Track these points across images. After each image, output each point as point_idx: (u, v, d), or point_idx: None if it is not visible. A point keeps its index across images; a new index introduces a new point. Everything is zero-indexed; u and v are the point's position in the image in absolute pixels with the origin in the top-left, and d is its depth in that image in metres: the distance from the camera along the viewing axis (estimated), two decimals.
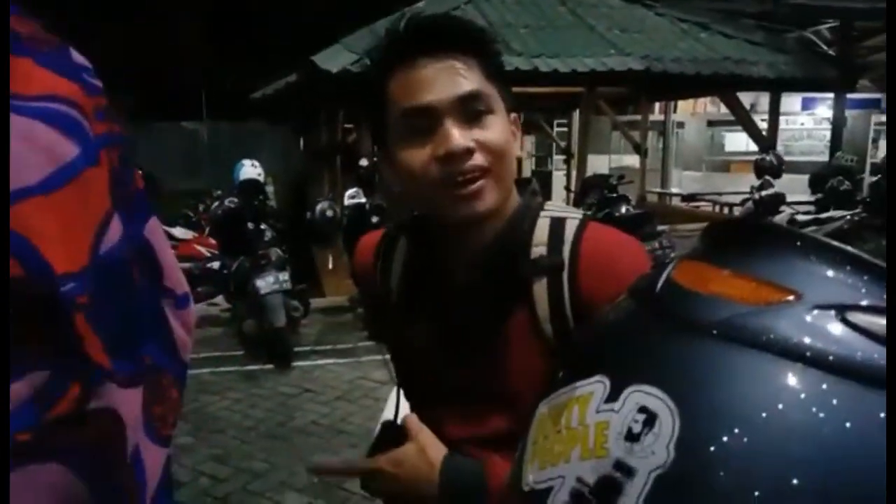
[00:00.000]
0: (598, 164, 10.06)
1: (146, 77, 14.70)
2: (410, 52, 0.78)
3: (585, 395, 0.38)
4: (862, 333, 0.32)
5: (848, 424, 0.31)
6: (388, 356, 1.01)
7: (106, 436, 0.46)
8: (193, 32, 15.69)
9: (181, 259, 5.97)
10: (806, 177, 6.85)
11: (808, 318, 0.33)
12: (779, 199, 6.37)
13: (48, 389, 0.41)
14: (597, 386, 0.38)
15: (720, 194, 9.60)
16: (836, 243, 0.36)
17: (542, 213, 0.85)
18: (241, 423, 3.79)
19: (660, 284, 0.39)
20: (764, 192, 6.48)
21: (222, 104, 13.54)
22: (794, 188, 7.11)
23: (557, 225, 0.83)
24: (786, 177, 6.75)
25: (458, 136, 0.76)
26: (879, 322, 0.33)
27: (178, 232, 6.78)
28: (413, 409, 0.93)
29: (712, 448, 0.32)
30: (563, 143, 11.27)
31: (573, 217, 0.84)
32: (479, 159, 0.77)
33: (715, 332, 0.34)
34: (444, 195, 0.78)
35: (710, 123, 13.45)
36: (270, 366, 4.69)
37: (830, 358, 0.32)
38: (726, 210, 8.63)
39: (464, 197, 0.77)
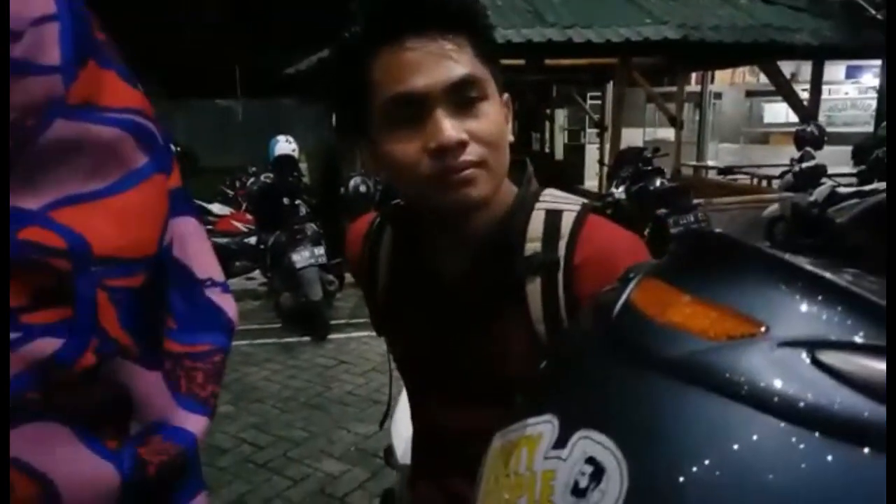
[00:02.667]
0: (633, 137, 9.91)
1: (181, 55, 14.87)
2: (396, 31, 0.70)
3: (535, 435, 0.35)
4: (836, 377, 0.28)
5: (822, 487, 0.26)
6: None
7: (112, 404, 0.48)
8: (226, 9, 15.77)
9: (219, 235, 6.12)
10: (849, 148, 6.65)
11: (774, 357, 0.29)
12: (819, 171, 6.20)
13: (61, 355, 0.44)
14: (546, 427, 0.35)
15: (758, 167, 9.38)
16: (810, 268, 0.31)
17: (538, 205, 0.79)
18: (280, 394, 3.91)
19: (618, 307, 0.35)
20: (804, 164, 6.31)
21: (256, 81, 13.63)
22: (837, 160, 6.91)
23: (554, 218, 0.77)
24: (827, 148, 6.56)
25: (451, 127, 0.69)
26: (857, 363, 0.28)
27: (216, 208, 6.92)
28: (410, 398, 0.93)
29: None
30: (596, 116, 11.10)
31: (570, 209, 0.77)
32: (472, 152, 0.71)
33: (670, 370, 0.31)
34: (434, 187, 0.72)
35: (749, 94, 13.08)
36: (307, 338, 4.80)
37: (800, 406, 0.27)
38: (765, 183, 8.43)
39: (455, 185, 0.71)
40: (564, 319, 0.75)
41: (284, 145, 5.74)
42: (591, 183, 9.86)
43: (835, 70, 11.32)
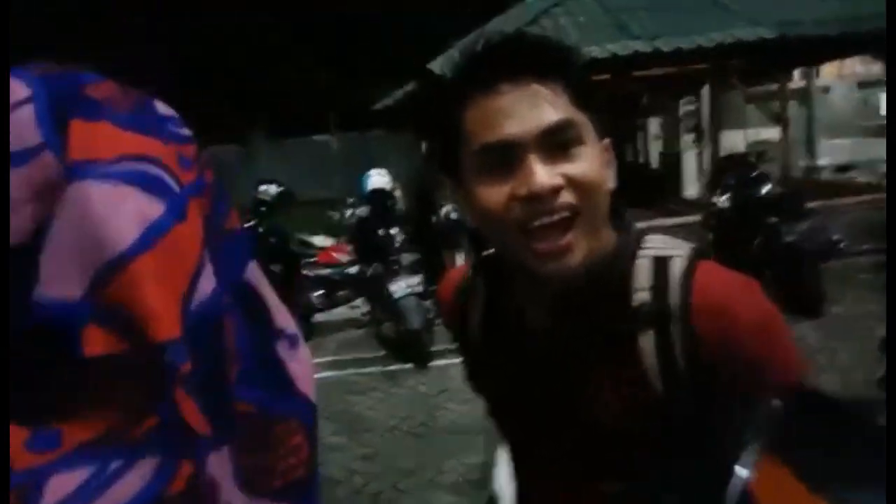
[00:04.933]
0: (733, 140, 9.43)
1: (278, 96, 15.75)
2: (489, 77, 0.69)
3: None
4: None
5: None
6: None
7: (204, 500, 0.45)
8: (317, 53, 16.57)
9: (322, 266, 6.37)
10: None
11: None
12: None
13: (160, 474, 0.41)
14: None
15: (877, 162, 8.66)
16: None
17: (641, 252, 0.74)
18: (386, 423, 3.98)
19: (735, 495, 0.34)
20: None
21: (350, 116, 14.19)
22: None
23: (661, 266, 0.72)
24: None
25: (543, 173, 0.67)
26: None
27: (318, 240, 7.22)
28: (511, 455, 0.90)
29: None
30: (692, 123, 10.67)
31: (678, 255, 0.73)
32: (567, 197, 0.68)
33: None
34: (524, 245, 0.69)
35: (861, 85, 12.15)
36: (409, 365, 4.88)
37: None
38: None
39: (547, 254, 0.68)
40: (683, 374, 0.70)
41: (377, 178, 5.91)
42: (690, 193, 9.46)
43: None
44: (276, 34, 16.01)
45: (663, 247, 0.75)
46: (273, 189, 5.65)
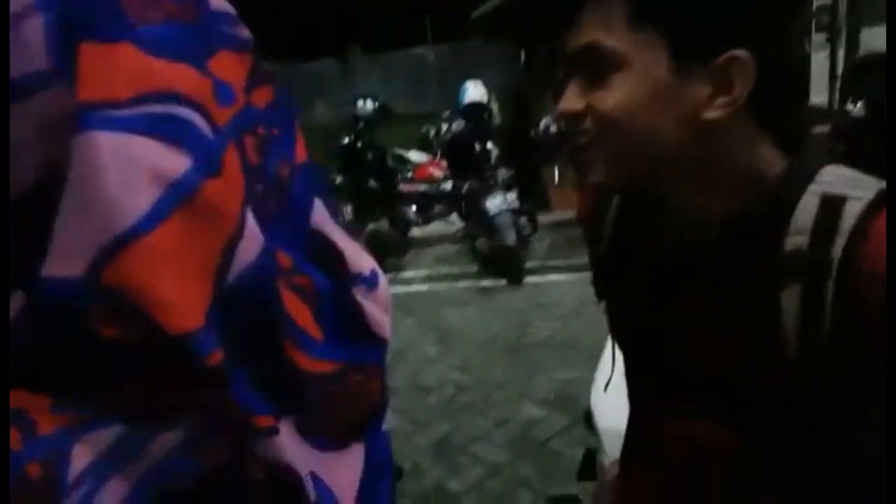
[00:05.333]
0: (875, 38, 8.34)
1: (375, 8, 15.53)
2: None
3: None
4: None
5: None
6: None
7: (278, 487, 0.41)
8: None
9: (418, 182, 6.40)
10: None
11: None
12: None
13: (193, 443, 0.39)
14: None
15: None
16: None
17: (812, 187, 0.62)
18: (480, 337, 4.05)
19: None
20: None
21: (446, 26, 13.81)
22: None
23: (832, 207, 0.60)
24: None
25: (569, 96, 0.65)
26: None
27: (414, 156, 7.22)
28: (626, 375, 0.85)
29: None
30: (825, 19, 9.51)
31: (858, 196, 0.59)
32: (587, 125, 0.64)
33: None
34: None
35: None
36: (503, 282, 4.89)
37: None
38: None
39: (576, 165, 0.67)
40: (828, 332, 0.59)
41: (473, 91, 5.74)
42: (819, 99, 8.57)
43: None
44: None
45: (841, 184, 0.61)
46: (370, 104, 5.64)
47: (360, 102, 5.64)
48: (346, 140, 5.37)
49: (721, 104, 0.61)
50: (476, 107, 5.67)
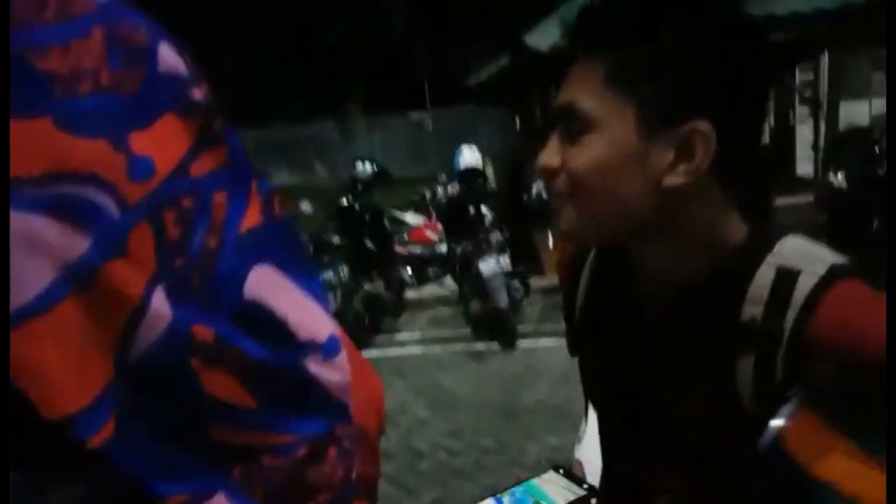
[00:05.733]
0: (855, 112, 8.65)
1: (373, 74, 16.04)
2: (570, 50, 0.68)
3: None
4: None
5: None
6: None
7: None
8: (410, 26, 16.67)
9: (413, 244, 6.49)
10: None
11: None
12: None
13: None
14: None
15: None
16: None
17: (770, 257, 0.64)
18: (472, 400, 4.04)
19: (769, 438, 0.35)
20: None
21: (443, 92, 14.25)
22: None
23: (786, 280, 0.62)
24: None
25: (547, 151, 0.68)
26: None
27: (410, 218, 7.34)
28: (599, 428, 0.89)
29: None
30: (807, 93, 9.87)
31: (811, 271, 0.62)
32: (560, 183, 0.68)
33: None
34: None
35: None
36: (496, 345, 4.90)
37: None
38: None
39: (555, 216, 0.70)
40: (780, 392, 0.59)
41: (468, 156, 5.91)
42: (804, 170, 8.80)
43: None
44: (368, 10, 16.23)
45: (797, 256, 0.64)
46: (369, 166, 5.79)
47: (359, 165, 5.78)
48: (345, 201, 5.48)
49: (682, 171, 0.63)
50: (471, 171, 5.82)
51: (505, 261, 4.90)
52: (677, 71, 0.63)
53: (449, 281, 6.10)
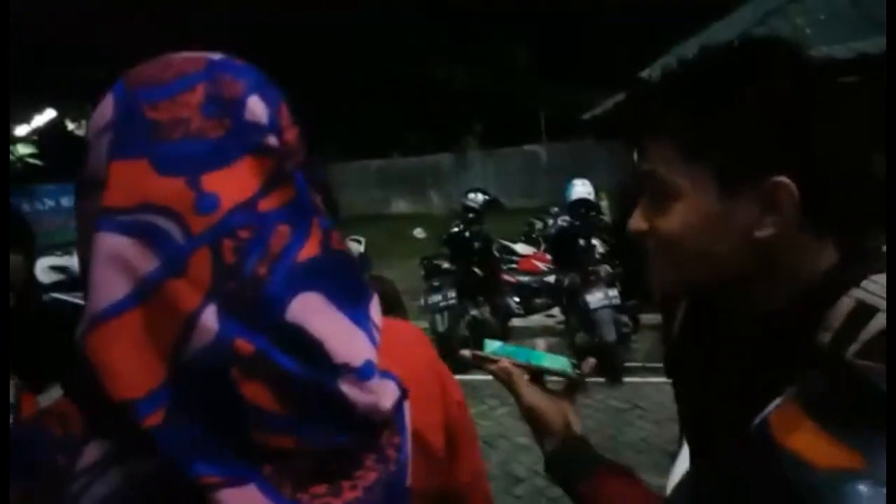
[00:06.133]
0: None
1: (491, 107, 16.39)
2: (657, 105, 0.72)
3: None
4: None
5: None
6: None
7: None
8: (530, 63, 16.91)
9: (522, 273, 6.54)
10: None
11: (868, 495, 0.31)
12: None
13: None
14: None
15: None
16: None
17: (854, 291, 0.64)
18: None
19: (758, 420, 0.39)
20: None
21: (559, 125, 14.29)
22: None
23: (861, 314, 0.63)
24: None
25: (636, 216, 0.73)
26: None
27: (520, 248, 7.42)
28: (689, 452, 0.90)
29: None
30: None
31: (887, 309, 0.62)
32: (650, 244, 0.72)
33: (782, 494, 0.34)
34: None
35: None
36: (601, 379, 4.82)
37: None
38: None
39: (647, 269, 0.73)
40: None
41: (580, 188, 5.92)
42: None
43: None
44: (489, 46, 16.66)
45: (881, 295, 0.63)
46: (480, 197, 5.95)
47: (472, 195, 5.96)
48: (455, 229, 5.66)
49: (770, 223, 0.65)
50: (582, 203, 5.82)
51: (613, 293, 4.83)
52: (748, 133, 0.65)
53: (556, 311, 6.08)
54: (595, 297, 4.80)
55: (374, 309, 0.58)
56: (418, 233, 11.34)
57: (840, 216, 0.69)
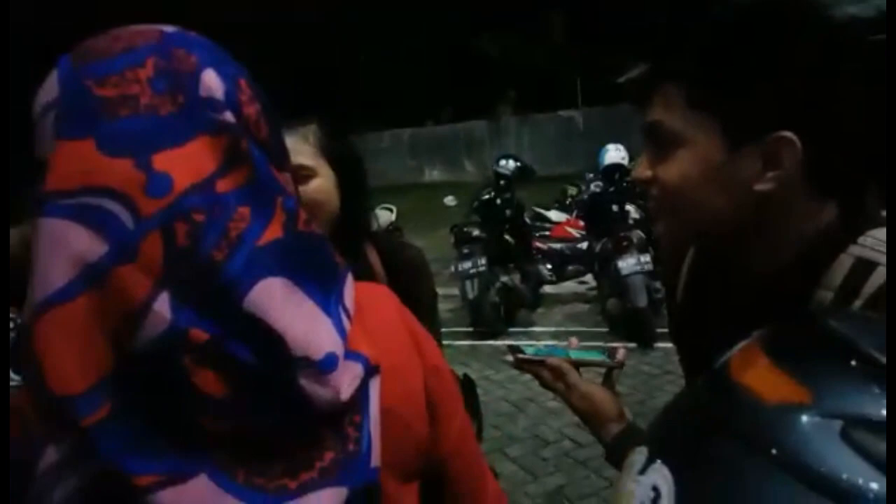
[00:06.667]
0: None
1: (527, 72, 16.11)
2: (668, 61, 0.71)
3: (632, 462, 0.41)
4: (860, 453, 0.31)
5: None
6: None
7: None
8: (563, 28, 16.52)
9: (554, 240, 6.51)
10: None
11: (811, 427, 0.32)
12: None
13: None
14: (639, 457, 0.40)
15: None
16: (864, 347, 0.33)
17: (852, 248, 0.67)
18: None
19: (721, 361, 0.40)
20: None
21: (595, 91, 13.98)
22: None
23: (862, 270, 0.65)
24: None
25: (641, 165, 0.75)
26: (880, 446, 0.31)
27: (553, 215, 7.37)
28: None
29: None
30: None
31: (885, 265, 0.64)
32: (654, 192, 0.74)
33: (733, 427, 0.35)
34: None
35: None
36: (633, 344, 4.81)
37: (820, 475, 0.31)
38: None
39: (651, 218, 0.76)
40: None
41: (613, 154, 5.83)
42: None
43: None
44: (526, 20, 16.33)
45: (880, 249, 0.65)
46: (511, 164, 5.92)
47: (503, 162, 5.93)
48: (486, 196, 5.65)
49: (771, 178, 0.66)
50: (615, 168, 5.73)
51: (646, 259, 4.79)
52: (759, 87, 0.65)
53: (588, 278, 6.05)
54: (627, 263, 4.77)
55: (347, 291, 0.55)
56: (449, 200, 11.33)
57: (842, 176, 0.70)
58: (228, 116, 0.47)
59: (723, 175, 0.68)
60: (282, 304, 0.46)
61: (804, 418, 0.32)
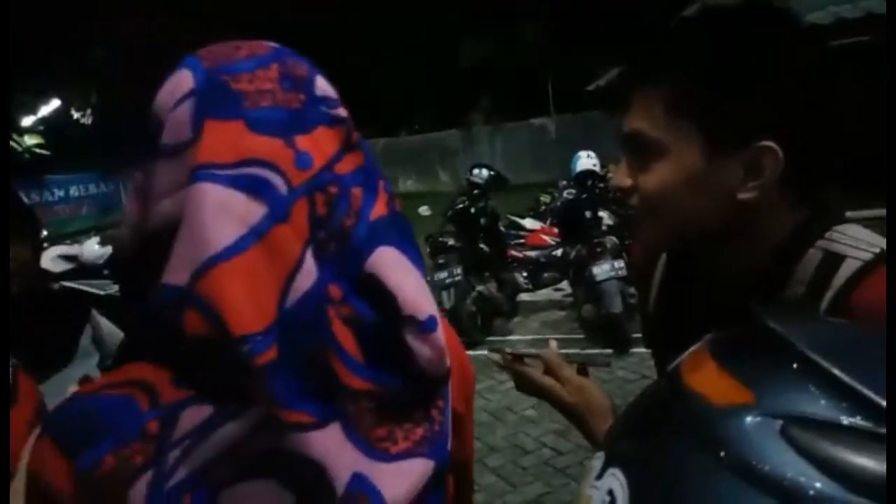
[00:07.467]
0: None
1: (499, 81, 16.22)
2: (636, 75, 0.72)
3: (592, 467, 0.41)
4: (799, 452, 0.31)
5: None
6: None
7: (304, 476, 0.49)
8: (537, 34, 16.68)
9: (529, 248, 6.52)
10: None
11: (754, 427, 0.33)
12: None
13: (263, 424, 0.48)
14: (597, 462, 0.41)
15: None
16: (803, 348, 0.34)
17: (821, 242, 0.68)
18: None
19: (674, 365, 0.41)
20: None
21: (566, 98, 14.13)
22: None
23: (830, 263, 0.66)
24: None
25: (620, 172, 0.74)
26: (824, 443, 0.31)
27: (528, 223, 7.39)
28: None
29: None
30: None
31: (856, 257, 0.66)
32: (634, 201, 0.73)
33: (682, 431, 0.36)
34: None
35: None
36: (609, 350, 4.83)
37: (764, 475, 0.31)
38: None
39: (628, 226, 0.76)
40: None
41: (585, 161, 5.88)
42: None
43: None
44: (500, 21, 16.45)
45: (847, 244, 0.67)
46: (485, 173, 5.93)
47: (476, 171, 5.94)
48: (460, 205, 5.65)
49: (753, 187, 0.67)
50: (588, 175, 5.78)
51: (620, 265, 4.82)
52: (745, 94, 0.65)
53: (564, 285, 6.08)
54: (601, 269, 4.80)
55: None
56: (424, 210, 11.34)
57: (818, 181, 0.71)
58: (342, 112, 0.55)
59: (704, 184, 0.68)
60: (394, 268, 0.53)
61: (748, 419, 0.33)
